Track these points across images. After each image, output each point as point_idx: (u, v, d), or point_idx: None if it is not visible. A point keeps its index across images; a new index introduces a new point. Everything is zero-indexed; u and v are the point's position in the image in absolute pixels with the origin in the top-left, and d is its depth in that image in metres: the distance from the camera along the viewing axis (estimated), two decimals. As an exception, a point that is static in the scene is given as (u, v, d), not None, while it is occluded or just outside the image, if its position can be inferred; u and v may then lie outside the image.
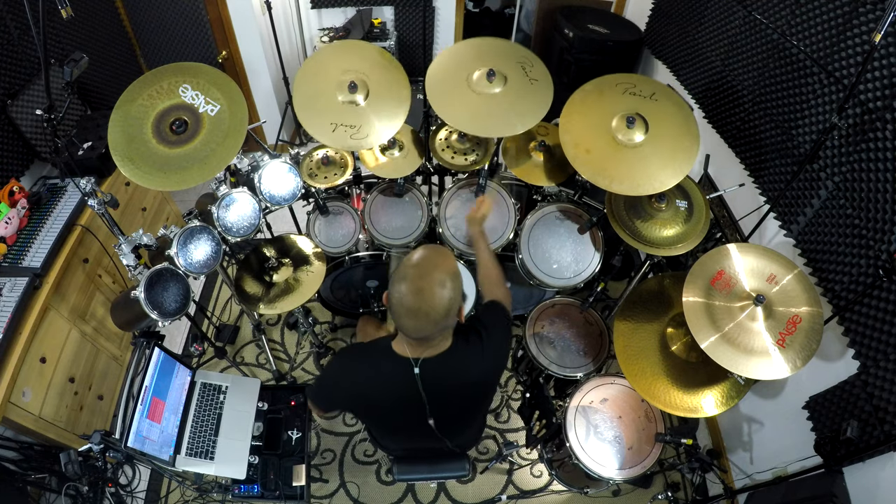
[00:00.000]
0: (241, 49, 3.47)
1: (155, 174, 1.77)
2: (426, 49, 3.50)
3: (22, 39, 2.32)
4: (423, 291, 1.13)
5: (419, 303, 1.13)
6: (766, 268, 1.68)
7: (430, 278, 1.15)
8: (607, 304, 2.86)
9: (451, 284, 1.16)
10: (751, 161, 2.19)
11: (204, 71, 1.91)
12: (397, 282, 1.16)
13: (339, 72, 2.00)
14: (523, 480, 2.40)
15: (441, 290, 1.14)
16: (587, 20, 3.31)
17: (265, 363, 2.76)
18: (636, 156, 1.82)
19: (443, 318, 1.16)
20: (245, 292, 2.12)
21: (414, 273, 1.16)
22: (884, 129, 1.53)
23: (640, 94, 1.91)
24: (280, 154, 2.11)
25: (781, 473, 1.89)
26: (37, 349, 2.00)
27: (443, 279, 1.15)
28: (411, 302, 1.14)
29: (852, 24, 1.64)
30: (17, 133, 2.29)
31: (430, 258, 1.19)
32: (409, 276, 1.16)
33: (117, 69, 3.06)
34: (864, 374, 1.59)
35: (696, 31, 2.58)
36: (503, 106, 1.94)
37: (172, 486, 2.35)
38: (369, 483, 2.37)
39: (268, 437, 2.04)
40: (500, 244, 2.21)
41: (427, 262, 1.18)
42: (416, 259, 1.19)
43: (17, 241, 2.14)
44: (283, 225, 2.83)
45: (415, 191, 2.34)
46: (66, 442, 2.13)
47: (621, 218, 1.98)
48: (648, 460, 1.86)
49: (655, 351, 1.89)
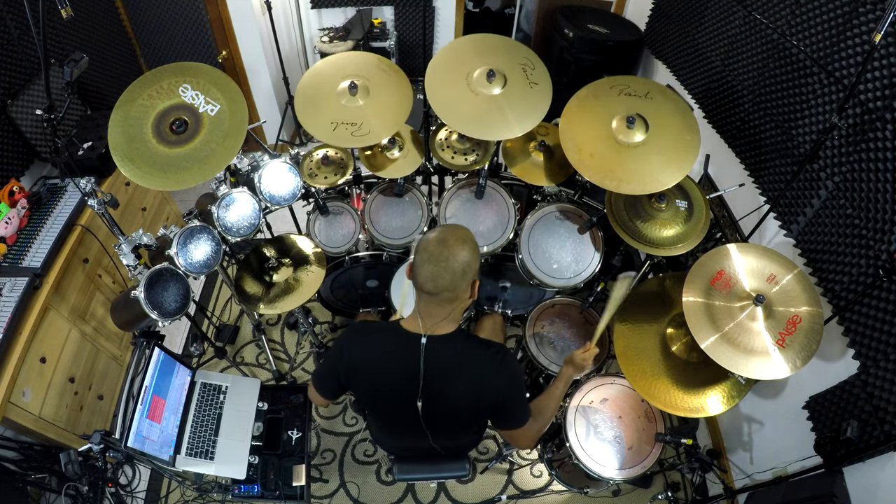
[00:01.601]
0: (241, 49, 3.47)
1: (155, 174, 1.77)
2: (426, 49, 3.50)
3: (22, 39, 2.33)
4: (446, 241, 1.23)
5: (441, 248, 1.22)
6: (766, 268, 1.68)
7: (455, 235, 1.26)
8: (607, 304, 2.86)
9: (471, 247, 1.26)
10: (751, 161, 2.19)
11: (204, 71, 1.91)
12: (424, 235, 1.29)
13: (340, 77, 2.01)
14: (523, 480, 2.40)
15: (463, 246, 1.24)
16: (587, 20, 3.32)
17: (265, 363, 2.76)
18: (640, 155, 1.82)
19: (459, 274, 1.23)
20: (245, 292, 2.12)
21: (441, 230, 1.28)
22: (884, 129, 1.53)
23: (635, 94, 1.91)
24: (280, 154, 2.11)
25: (781, 473, 1.89)
26: (37, 349, 2.00)
27: (466, 238, 1.26)
28: (435, 248, 1.23)
29: (852, 24, 1.64)
30: (17, 133, 2.29)
31: (458, 227, 1.31)
32: (437, 230, 1.28)
33: (117, 69, 3.06)
34: (864, 374, 1.59)
35: (696, 31, 2.58)
36: (502, 108, 1.94)
37: (172, 486, 2.35)
38: (369, 483, 2.37)
39: (268, 437, 2.04)
40: (500, 244, 2.20)
41: (454, 227, 1.30)
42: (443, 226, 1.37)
43: (17, 241, 2.14)
44: (283, 225, 2.83)
45: (415, 191, 2.34)
46: (66, 442, 2.13)
47: (621, 218, 1.98)
48: (648, 460, 1.86)
49: (655, 351, 1.89)
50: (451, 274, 1.22)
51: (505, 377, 1.35)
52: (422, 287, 1.26)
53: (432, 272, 1.23)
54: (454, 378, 1.35)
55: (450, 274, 1.22)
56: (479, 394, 1.36)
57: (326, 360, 1.51)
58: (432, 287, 1.24)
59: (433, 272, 1.22)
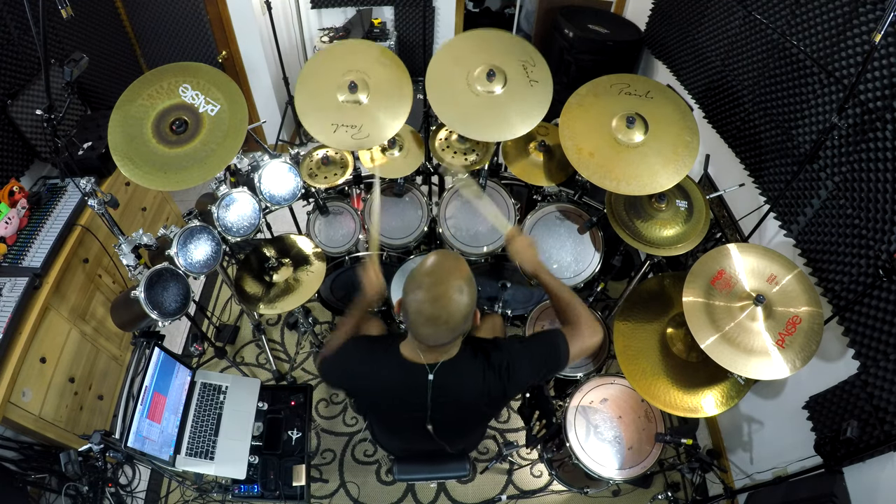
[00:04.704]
0: (241, 49, 3.47)
1: (155, 174, 1.77)
2: (426, 49, 3.50)
3: (22, 39, 2.32)
4: (440, 299, 1.12)
5: (437, 310, 1.12)
6: (766, 268, 1.68)
7: (447, 285, 1.13)
8: (607, 304, 2.86)
9: (467, 290, 1.15)
10: (751, 161, 2.19)
11: (204, 71, 1.91)
12: (412, 290, 1.15)
13: (341, 72, 2.00)
14: (523, 480, 2.40)
15: (459, 297, 1.13)
16: (587, 20, 3.32)
17: (265, 363, 2.76)
18: (639, 155, 1.82)
19: (461, 325, 1.15)
20: (245, 292, 2.12)
21: (430, 281, 1.14)
22: (884, 129, 1.53)
23: (635, 93, 1.90)
24: (280, 154, 2.11)
25: (781, 473, 1.89)
26: (37, 349, 2.00)
27: (460, 285, 1.14)
28: (430, 310, 1.12)
29: (852, 24, 1.64)
30: (17, 133, 2.29)
31: (444, 264, 1.17)
32: (424, 284, 1.14)
33: (117, 69, 3.06)
34: (864, 374, 1.59)
35: (696, 32, 2.58)
36: (502, 109, 1.93)
37: (172, 486, 2.35)
38: (369, 483, 2.37)
39: (268, 437, 2.04)
40: (501, 244, 2.20)
41: (441, 269, 1.16)
42: (430, 266, 1.16)
43: (17, 241, 2.14)
44: (283, 225, 2.83)
45: (415, 191, 2.34)
46: (66, 442, 2.13)
47: (621, 218, 1.98)
48: (648, 460, 1.86)
49: (655, 351, 1.89)
50: (451, 331, 1.16)
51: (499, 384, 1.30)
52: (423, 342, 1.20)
53: (432, 333, 1.16)
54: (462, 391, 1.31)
55: (450, 331, 1.16)
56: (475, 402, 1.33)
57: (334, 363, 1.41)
58: (433, 343, 1.19)
59: (433, 333, 1.16)
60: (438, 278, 1.14)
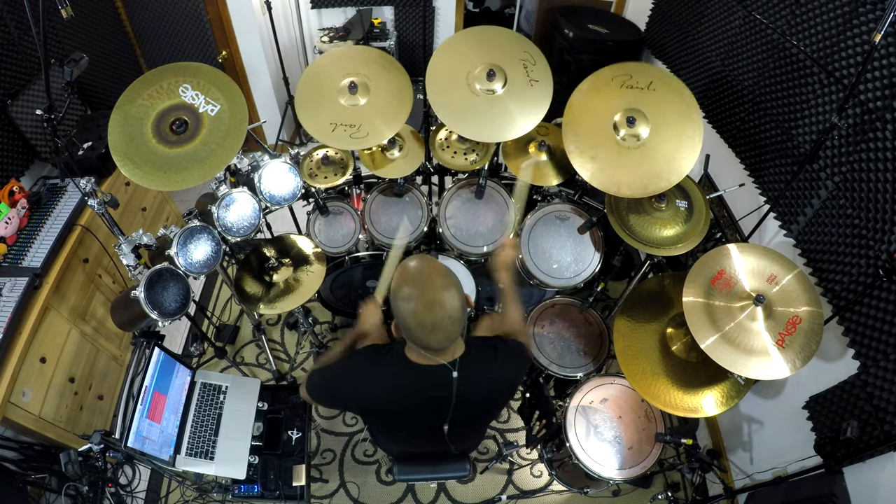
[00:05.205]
0: (241, 49, 3.47)
1: (155, 174, 1.77)
2: (426, 49, 3.50)
3: (22, 39, 2.32)
4: (434, 303, 1.12)
5: (437, 315, 1.12)
6: (766, 268, 1.68)
7: (434, 286, 1.13)
8: (607, 304, 2.86)
9: (452, 281, 1.16)
10: (751, 161, 2.19)
11: (204, 71, 1.91)
12: (404, 303, 1.14)
13: (341, 75, 2.00)
14: (523, 480, 2.40)
15: (449, 293, 1.13)
16: (587, 20, 3.32)
17: (265, 363, 2.76)
18: (642, 154, 1.82)
19: (462, 315, 1.16)
20: (245, 292, 2.12)
21: (416, 291, 1.14)
22: (884, 129, 1.53)
23: (636, 86, 1.87)
24: (280, 154, 2.11)
25: (781, 473, 1.89)
26: (37, 349, 2.00)
27: (444, 282, 1.14)
28: (430, 318, 1.12)
29: (852, 24, 1.64)
30: (17, 133, 2.29)
31: (419, 268, 1.17)
32: (412, 295, 1.13)
33: (117, 69, 3.06)
34: (864, 374, 1.59)
35: (696, 31, 2.58)
36: (502, 109, 1.93)
37: (172, 486, 2.35)
38: (369, 483, 2.37)
39: (268, 437, 2.04)
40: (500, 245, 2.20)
41: (420, 274, 1.16)
42: (408, 275, 1.17)
43: (17, 241, 2.14)
44: (283, 225, 2.83)
45: (415, 191, 2.34)
46: (66, 442, 2.13)
47: (621, 218, 1.98)
48: (648, 460, 1.86)
49: (655, 351, 1.89)
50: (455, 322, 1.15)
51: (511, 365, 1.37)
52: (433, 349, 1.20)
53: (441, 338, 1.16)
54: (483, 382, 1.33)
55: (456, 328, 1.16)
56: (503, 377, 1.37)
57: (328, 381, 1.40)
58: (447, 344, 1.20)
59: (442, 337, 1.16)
60: (421, 286, 1.14)
